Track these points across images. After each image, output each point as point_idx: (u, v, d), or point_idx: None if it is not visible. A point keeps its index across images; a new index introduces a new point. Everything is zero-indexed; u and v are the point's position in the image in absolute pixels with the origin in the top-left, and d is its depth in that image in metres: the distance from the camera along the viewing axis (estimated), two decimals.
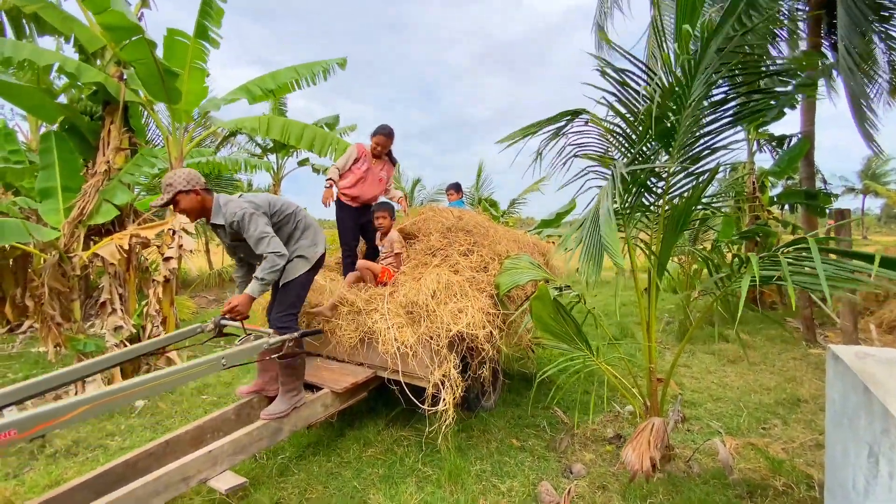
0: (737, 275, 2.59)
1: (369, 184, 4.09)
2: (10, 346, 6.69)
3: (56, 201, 4.79)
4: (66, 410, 1.74)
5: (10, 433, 1.63)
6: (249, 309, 2.63)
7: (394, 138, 4.10)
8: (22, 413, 1.69)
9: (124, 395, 1.91)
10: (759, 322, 6.62)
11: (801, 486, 2.74)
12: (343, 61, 6.28)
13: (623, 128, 2.86)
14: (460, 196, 6.18)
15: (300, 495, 2.78)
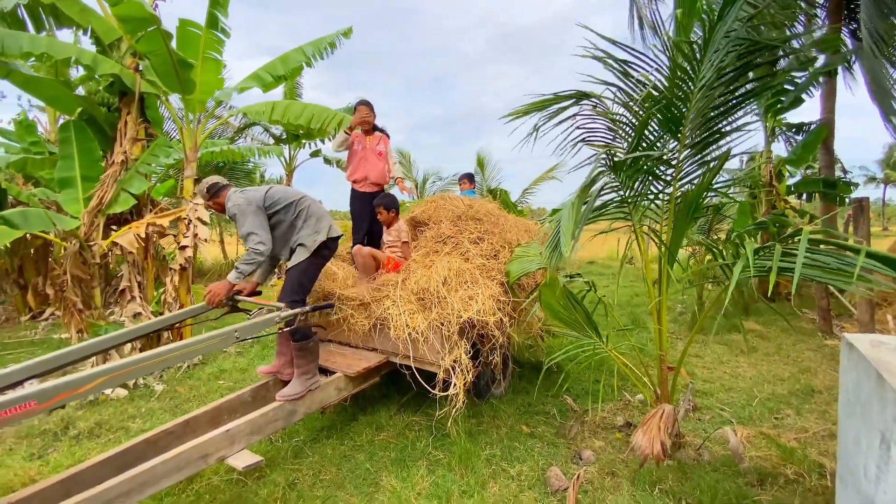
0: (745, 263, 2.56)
1: (370, 162, 4.16)
2: (32, 332, 6.91)
3: (76, 190, 4.91)
4: (84, 381, 1.79)
5: (31, 404, 1.69)
6: (226, 294, 2.78)
7: (373, 107, 4.18)
8: (41, 384, 1.76)
9: (141, 367, 1.97)
10: (775, 313, 6.54)
11: (813, 474, 2.74)
12: (348, 31, 6.22)
13: (627, 116, 2.83)
14: (472, 186, 6.18)
15: (314, 476, 2.86)
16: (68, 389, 1.77)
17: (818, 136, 5.94)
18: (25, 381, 1.99)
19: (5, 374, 1.94)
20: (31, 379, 2.02)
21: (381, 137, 4.26)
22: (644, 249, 3.06)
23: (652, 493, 2.64)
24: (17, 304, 7.91)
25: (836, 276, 2.05)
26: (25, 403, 1.67)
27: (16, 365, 2.00)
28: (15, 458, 3.22)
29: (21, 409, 1.67)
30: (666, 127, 2.63)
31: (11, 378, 1.95)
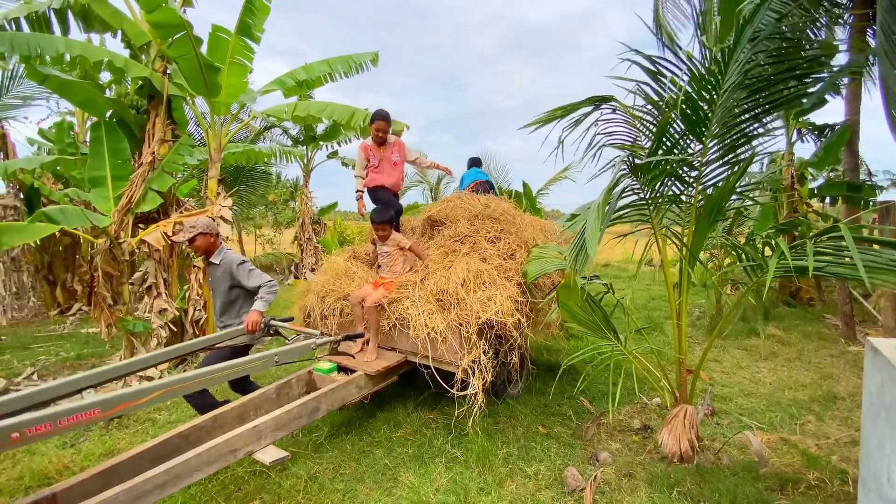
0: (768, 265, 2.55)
1: (385, 173, 4.17)
2: (61, 326, 7.17)
3: (106, 189, 5.08)
4: (144, 394, 1.99)
5: (95, 412, 1.87)
6: (262, 321, 3.07)
7: (390, 120, 4.18)
8: (107, 394, 1.94)
9: (192, 384, 2.20)
10: (796, 318, 6.43)
11: (835, 480, 2.71)
12: (375, 57, 6.35)
13: (650, 118, 2.84)
14: (479, 167, 6.22)
15: (334, 471, 2.93)
16: (129, 400, 1.96)
17: (842, 138, 5.82)
18: (82, 391, 2.16)
19: (64, 382, 2.14)
20: (88, 388, 2.18)
21: (395, 145, 4.24)
22: (664, 252, 3.06)
23: (670, 495, 2.64)
24: (47, 300, 8.21)
25: (876, 273, 2.01)
26: (91, 411, 1.86)
27: (71, 376, 2.19)
28: (49, 447, 3.36)
29: (86, 416, 1.85)
30: (691, 129, 2.63)
31: (71, 387, 2.16)
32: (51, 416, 1.75)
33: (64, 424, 1.78)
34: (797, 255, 2.29)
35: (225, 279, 3.26)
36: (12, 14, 4.64)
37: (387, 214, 3.80)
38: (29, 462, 3.14)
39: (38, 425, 1.70)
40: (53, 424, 1.75)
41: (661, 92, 2.77)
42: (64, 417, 1.77)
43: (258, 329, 3.01)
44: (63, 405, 1.83)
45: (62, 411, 1.78)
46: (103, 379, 2.29)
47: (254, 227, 16.12)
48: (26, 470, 3.04)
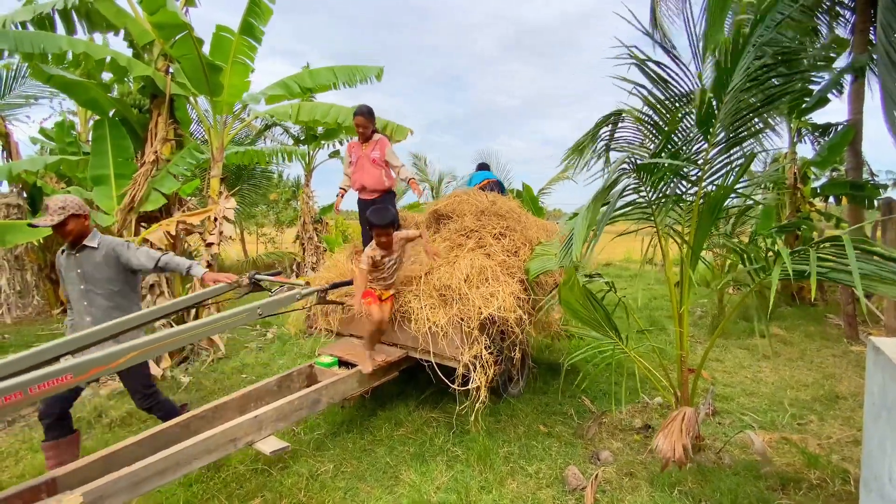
0: (771, 267, 2.55)
1: (365, 170, 4.04)
2: (63, 325, 7.20)
3: (109, 188, 5.10)
4: (117, 356, 1.86)
5: (67, 377, 1.77)
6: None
7: (373, 116, 4.07)
8: (79, 359, 1.85)
9: (170, 342, 2.04)
10: (798, 318, 6.41)
11: (836, 480, 2.70)
12: (380, 72, 6.35)
13: (655, 119, 2.84)
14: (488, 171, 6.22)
15: (336, 469, 2.94)
16: (102, 363, 1.84)
17: (845, 138, 5.80)
18: (61, 357, 2.10)
19: (41, 350, 2.04)
20: (65, 355, 2.12)
21: (377, 143, 4.06)
22: (667, 251, 3.06)
23: (671, 494, 2.64)
24: (49, 298, 8.24)
25: (875, 282, 2.03)
26: (62, 377, 1.75)
27: (50, 342, 2.12)
28: None
29: (58, 381, 1.75)
30: (699, 128, 2.63)
31: (47, 354, 2.06)
32: (20, 384, 1.66)
33: (35, 392, 1.69)
34: (799, 260, 2.29)
35: (107, 266, 2.73)
36: (18, 17, 4.66)
37: (387, 216, 3.19)
38: (32, 459, 3.15)
39: (6, 395, 1.62)
40: (24, 392, 1.66)
41: (667, 94, 2.77)
42: (35, 385, 1.68)
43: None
44: (33, 373, 1.72)
45: (32, 378, 1.69)
46: (84, 344, 2.17)
47: (256, 227, 16.15)
48: (28, 467, 3.06)
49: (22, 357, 2.00)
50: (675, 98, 2.72)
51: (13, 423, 3.79)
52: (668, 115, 2.73)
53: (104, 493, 1.85)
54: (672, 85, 2.69)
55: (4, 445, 3.37)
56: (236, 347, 5.72)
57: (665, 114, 2.76)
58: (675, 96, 2.72)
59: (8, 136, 7.59)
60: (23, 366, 1.98)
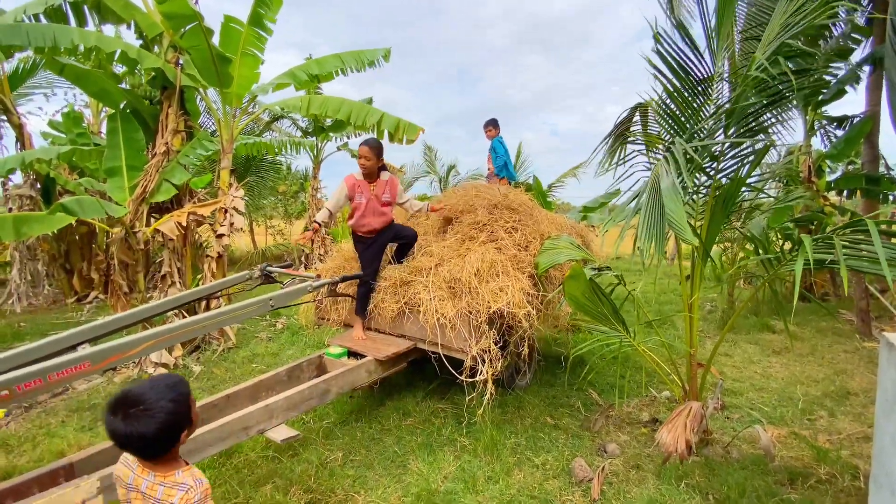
0: (787, 257, 2.52)
1: (374, 214, 3.61)
2: (78, 314, 7.33)
3: (121, 179, 5.15)
4: (133, 344, 1.92)
5: (85, 365, 1.83)
6: None
7: (381, 152, 3.58)
8: (97, 346, 1.89)
9: (184, 332, 2.11)
10: (810, 313, 6.34)
11: (846, 476, 2.69)
12: (387, 53, 6.30)
13: (675, 111, 2.80)
14: (499, 132, 6.04)
15: (345, 457, 2.98)
16: (119, 352, 1.90)
17: (861, 130, 5.69)
18: (79, 345, 2.15)
19: (61, 338, 2.10)
20: (83, 343, 2.18)
21: (388, 184, 3.65)
22: (680, 245, 3.04)
23: (678, 487, 2.64)
24: (64, 288, 8.38)
25: None
26: (81, 364, 1.81)
27: (69, 330, 2.17)
28: (68, 430, 3.46)
29: (77, 369, 1.81)
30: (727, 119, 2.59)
31: (67, 342, 2.11)
32: (40, 371, 1.71)
33: (54, 379, 1.74)
34: (818, 249, 2.25)
35: None
36: (31, 9, 4.70)
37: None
38: (48, 444, 3.23)
39: (27, 381, 1.67)
40: (43, 379, 1.71)
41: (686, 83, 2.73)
42: (54, 372, 1.73)
43: None
44: (53, 360, 1.77)
45: (52, 366, 1.74)
46: (100, 333, 2.24)
47: (264, 218, 16.24)
48: (45, 452, 3.14)
49: (41, 345, 2.05)
50: (694, 85, 2.68)
51: (30, 408, 3.88)
52: (688, 110, 2.69)
53: None
54: (692, 74, 2.65)
55: (22, 431, 3.46)
56: (247, 337, 5.80)
57: (685, 106, 2.72)
58: (695, 83, 2.67)
59: (21, 127, 7.68)
60: (42, 353, 2.03)
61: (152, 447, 1.23)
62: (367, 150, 3.50)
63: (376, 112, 5.67)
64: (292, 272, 2.96)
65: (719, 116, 2.61)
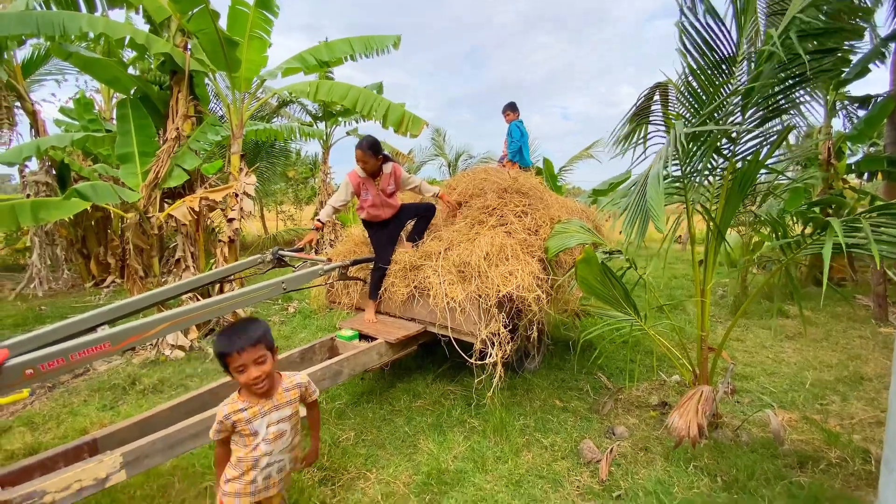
0: (807, 241, 2.47)
1: (382, 207, 3.67)
2: (96, 297, 7.50)
3: (134, 165, 5.22)
4: (151, 326, 2.01)
5: (106, 345, 1.91)
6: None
7: (377, 150, 3.55)
8: (116, 328, 1.96)
9: (199, 314, 2.18)
10: (825, 298, 6.25)
11: (857, 459, 2.68)
12: (397, 41, 6.23)
13: (697, 90, 2.72)
14: (517, 116, 5.98)
15: (357, 437, 3.04)
16: (137, 333, 1.98)
17: (884, 111, 5.50)
18: (98, 327, 2.22)
19: (80, 320, 2.17)
20: (102, 325, 2.25)
21: (391, 175, 3.66)
22: (693, 228, 3.00)
23: (686, 469, 2.66)
24: (82, 272, 8.57)
25: None
26: (101, 345, 1.90)
27: (88, 312, 2.23)
28: (90, 408, 3.57)
29: (97, 349, 1.89)
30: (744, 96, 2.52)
31: (86, 324, 2.19)
32: (62, 351, 1.79)
33: (76, 359, 1.82)
34: (848, 232, 2.20)
35: None
36: None
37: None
38: (72, 422, 3.35)
39: (50, 361, 1.75)
40: (65, 359, 1.79)
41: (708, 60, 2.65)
42: (75, 352, 1.81)
43: None
44: (74, 341, 1.85)
45: (73, 346, 1.81)
46: (117, 315, 2.32)
47: (275, 204, 16.35)
48: (69, 429, 3.25)
49: (62, 326, 2.11)
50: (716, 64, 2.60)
51: (53, 388, 4.01)
52: (710, 88, 2.62)
53: (142, 454, 1.96)
54: (716, 50, 2.57)
55: (46, 409, 3.58)
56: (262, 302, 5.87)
57: (707, 84, 2.64)
58: (718, 62, 2.59)
59: (35, 114, 7.76)
60: (63, 334, 2.09)
61: (270, 337, 1.69)
62: (362, 154, 3.49)
63: (383, 102, 5.63)
64: (304, 256, 3.00)
65: (737, 95, 2.53)
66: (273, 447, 1.70)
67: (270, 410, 1.70)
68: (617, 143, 3.24)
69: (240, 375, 1.63)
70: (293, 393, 1.79)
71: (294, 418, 1.79)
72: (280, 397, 1.74)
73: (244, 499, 1.66)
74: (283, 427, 1.73)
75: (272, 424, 1.69)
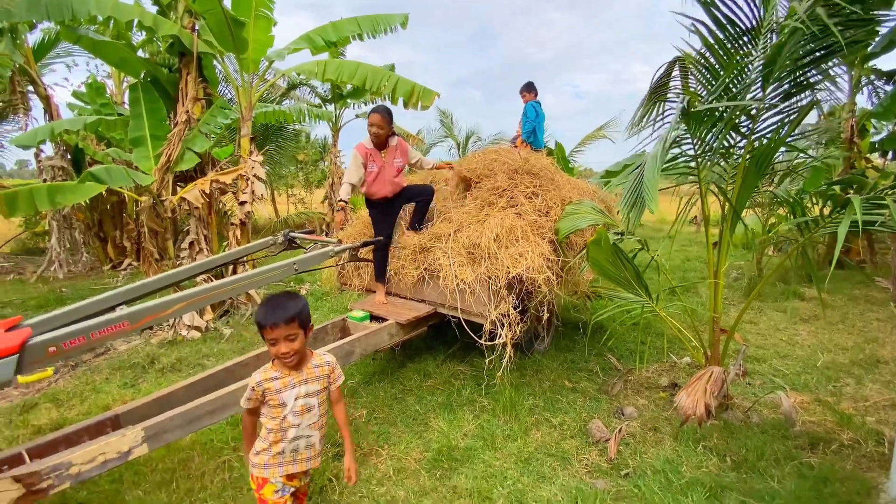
0: (826, 220, 2.41)
1: (387, 182, 3.62)
2: (114, 280, 7.68)
3: (146, 149, 5.26)
4: (168, 305, 2.07)
5: (124, 324, 1.98)
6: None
7: (391, 118, 3.55)
8: (134, 307, 2.02)
9: (215, 293, 2.25)
10: (842, 280, 6.13)
11: (870, 441, 2.66)
12: (405, 20, 6.12)
13: (712, 62, 2.62)
14: (534, 96, 5.90)
15: (369, 414, 3.10)
16: (154, 312, 2.04)
17: None
18: (117, 307, 2.28)
19: (99, 300, 2.23)
20: (120, 304, 2.31)
21: (398, 148, 3.65)
22: (707, 209, 2.94)
23: (695, 449, 2.67)
24: (100, 256, 8.76)
25: None
26: (120, 323, 1.96)
27: (107, 292, 2.30)
28: (111, 386, 3.69)
29: (117, 328, 1.96)
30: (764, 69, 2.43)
31: (105, 304, 2.25)
32: (83, 329, 1.86)
33: (96, 337, 1.89)
34: (865, 210, 2.14)
35: None
36: None
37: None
38: (95, 399, 3.46)
39: (72, 339, 1.82)
40: (86, 337, 1.86)
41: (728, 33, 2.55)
42: (96, 330, 1.88)
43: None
44: (95, 319, 1.92)
45: (93, 325, 1.88)
46: (135, 295, 2.40)
47: (285, 187, 16.42)
48: (92, 406, 3.36)
49: (82, 306, 2.17)
50: (737, 36, 2.50)
51: (76, 367, 4.15)
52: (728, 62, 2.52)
53: (162, 429, 2.03)
54: (737, 23, 2.47)
55: (70, 387, 3.71)
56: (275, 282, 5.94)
57: (724, 57, 2.55)
58: (739, 34, 2.50)
59: (49, 98, 7.83)
60: (83, 314, 2.15)
61: (306, 314, 1.73)
62: (378, 119, 3.47)
63: (392, 77, 5.54)
64: (314, 238, 3.03)
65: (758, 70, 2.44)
66: (301, 420, 1.74)
67: (299, 383, 1.75)
68: (634, 124, 3.17)
69: (271, 347, 1.70)
70: (322, 369, 1.84)
71: (322, 394, 1.83)
72: (309, 372, 1.79)
73: (273, 469, 1.72)
74: (311, 402, 1.77)
75: (300, 398, 1.74)
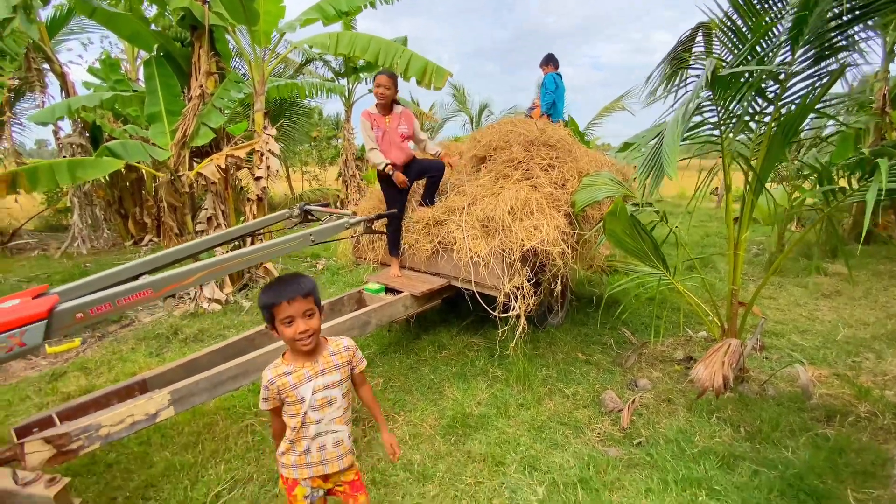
0: (852, 190, 2.33)
1: (395, 147, 3.57)
2: (136, 255, 7.88)
3: (162, 125, 5.31)
4: (189, 274, 2.12)
5: (147, 292, 2.03)
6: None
7: (398, 80, 3.58)
8: (157, 276, 2.09)
9: (234, 263, 2.31)
10: (867, 256, 5.97)
11: (887, 414, 2.64)
12: None
13: (739, 26, 2.50)
14: (553, 69, 5.79)
15: (385, 383, 3.18)
16: (176, 280, 2.10)
17: None
18: (140, 276, 2.36)
19: (123, 269, 2.30)
20: (143, 274, 2.38)
21: (402, 116, 3.61)
22: (730, 180, 2.85)
23: (709, 420, 2.68)
24: (121, 232, 8.97)
25: None
26: (144, 291, 2.02)
27: (130, 262, 2.37)
28: (137, 355, 3.83)
29: (140, 296, 2.02)
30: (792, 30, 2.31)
31: (129, 273, 2.33)
32: (109, 296, 1.92)
33: (121, 304, 1.96)
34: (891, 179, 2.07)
35: None
36: None
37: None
38: (122, 367, 3.61)
39: (98, 305, 1.89)
40: (112, 304, 1.92)
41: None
42: (121, 297, 1.95)
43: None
44: (119, 287, 1.99)
45: (119, 292, 1.95)
46: (157, 265, 2.47)
47: (300, 164, 16.44)
48: (120, 373, 3.51)
49: (107, 275, 2.24)
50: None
51: (103, 337, 4.31)
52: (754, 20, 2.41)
53: (188, 392, 2.11)
54: None
55: (97, 356, 3.86)
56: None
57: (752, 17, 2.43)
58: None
59: (64, 76, 7.89)
60: (108, 283, 2.22)
61: (318, 294, 1.57)
62: (386, 79, 3.48)
63: (405, 53, 5.44)
64: (330, 210, 3.06)
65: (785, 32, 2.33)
66: (322, 415, 1.56)
67: (316, 375, 1.55)
68: (653, 91, 3.06)
69: (286, 328, 1.49)
70: (340, 357, 1.62)
71: (345, 385, 1.64)
72: (326, 361, 1.58)
73: (302, 470, 1.57)
74: (333, 393, 1.57)
75: (318, 391, 1.54)
